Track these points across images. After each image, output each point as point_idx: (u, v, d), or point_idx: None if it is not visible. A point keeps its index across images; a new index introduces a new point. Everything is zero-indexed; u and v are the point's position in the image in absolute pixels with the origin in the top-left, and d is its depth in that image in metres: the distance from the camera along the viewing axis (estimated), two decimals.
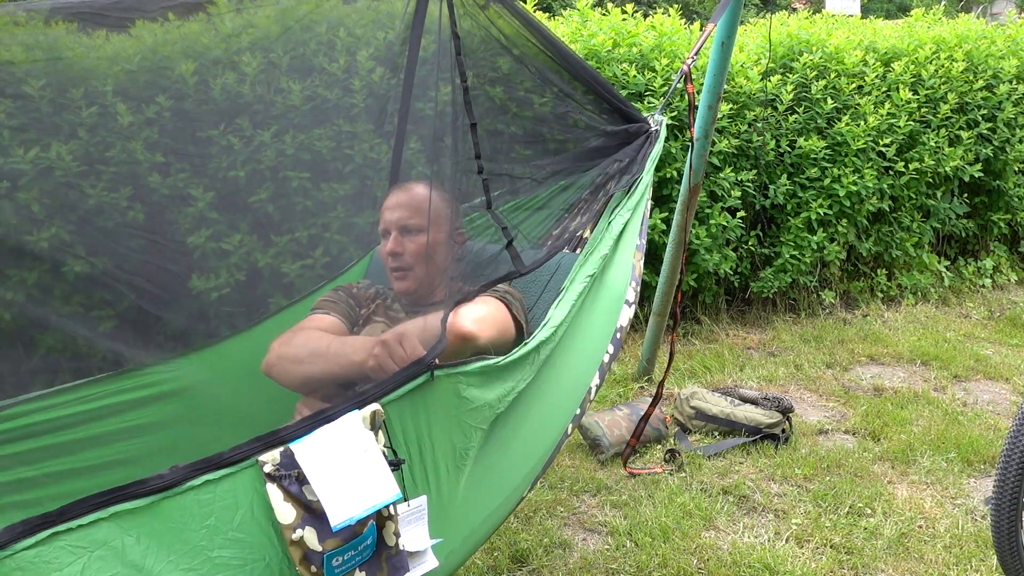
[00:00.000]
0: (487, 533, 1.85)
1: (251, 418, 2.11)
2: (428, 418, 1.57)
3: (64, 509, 1.20)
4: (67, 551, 1.19)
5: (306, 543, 1.35)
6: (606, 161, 2.29)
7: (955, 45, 5.01)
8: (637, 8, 4.84)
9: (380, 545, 1.46)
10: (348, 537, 1.38)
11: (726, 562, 2.50)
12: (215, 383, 2.18)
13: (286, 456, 1.35)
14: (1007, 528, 2.14)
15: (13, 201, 2.14)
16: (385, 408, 1.48)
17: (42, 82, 2.06)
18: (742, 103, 4.33)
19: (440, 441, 1.60)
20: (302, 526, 1.35)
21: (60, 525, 1.19)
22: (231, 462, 1.33)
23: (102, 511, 1.23)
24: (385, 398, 1.49)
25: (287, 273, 2.57)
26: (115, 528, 1.24)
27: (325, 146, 2.53)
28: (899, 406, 3.57)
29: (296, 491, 1.35)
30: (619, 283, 2.10)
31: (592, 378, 2.03)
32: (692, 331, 4.41)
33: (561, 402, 1.97)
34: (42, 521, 1.18)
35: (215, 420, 2.11)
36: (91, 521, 1.22)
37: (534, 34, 2.12)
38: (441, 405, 1.58)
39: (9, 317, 2.05)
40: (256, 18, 2.26)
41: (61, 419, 1.97)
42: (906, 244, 4.91)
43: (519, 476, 1.86)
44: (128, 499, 1.25)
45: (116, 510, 1.24)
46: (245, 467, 1.34)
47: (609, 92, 2.25)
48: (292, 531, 1.34)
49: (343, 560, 1.39)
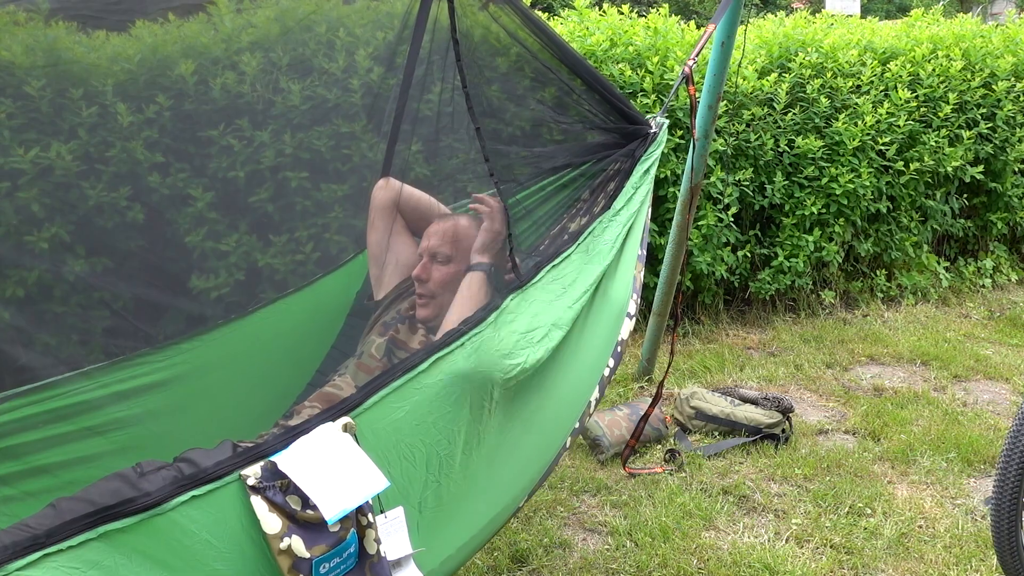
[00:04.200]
0: (484, 541, 1.87)
1: (243, 406, 2.12)
2: (401, 424, 1.58)
3: (52, 531, 1.21)
4: (59, 571, 1.19)
5: (294, 551, 1.36)
6: (605, 162, 2.29)
7: (952, 44, 5.01)
8: (634, 8, 4.83)
9: (362, 554, 1.48)
10: (333, 543, 1.41)
11: (726, 562, 2.50)
12: (206, 372, 2.18)
13: (267, 469, 1.38)
14: (1007, 528, 2.14)
15: (13, 201, 2.15)
16: (356, 419, 1.50)
17: (42, 82, 2.06)
18: (738, 103, 4.33)
19: (418, 446, 1.62)
20: (289, 535, 1.37)
21: (50, 547, 1.19)
22: (215, 477, 1.34)
23: (91, 531, 1.23)
24: (356, 410, 1.52)
25: (285, 271, 2.57)
26: (106, 548, 1.24)
27: (324, 145, 2.53)
28: (899, 406, 3.57)
29: (280, 501, 1.38)
30: (621, 296, 2.11)
31: (592, 392, 2.03)
32: (692, 331, 4.41)
33: (560, 415, 1.97)
34: (31, 543, 1.18)
35: (207, 410, 2.12)
36: (81, 542, 1.22)
37: (534, 31, 2.11)
38: (416, 409, 1.60)
39: (9, 317, 2.05)
40: (256, 18, 2.26)
41: (55, 411, 1.98)
42: (905, 244, 4.91)
43: (517, 488, 1.87)
44: (117, 518, 1.25)
45: (106, 530, 1.24)
46: (229, 481, 1.36)
47: (609, 91, 2.24)
48: (280, 540, 1.36)
49: (330, 567, 1.41)
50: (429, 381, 1.62)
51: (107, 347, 2.17)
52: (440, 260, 2.14)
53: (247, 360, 2.16)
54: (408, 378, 1.60)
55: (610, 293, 2.06)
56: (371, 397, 1.55)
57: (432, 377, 1.63)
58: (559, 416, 1.95)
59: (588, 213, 2.30)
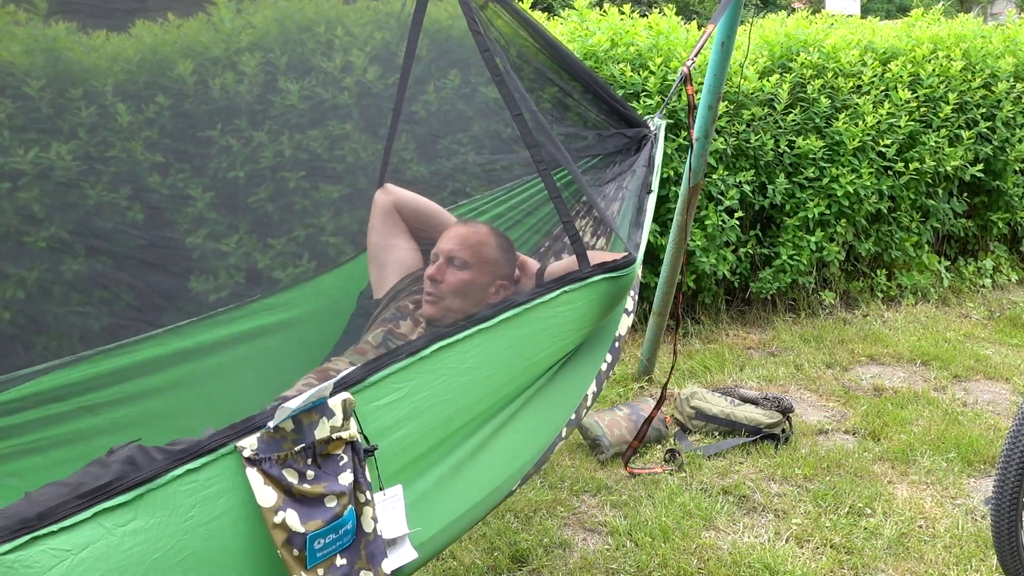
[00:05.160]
0: (469, 524, 1.85)
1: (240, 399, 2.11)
2: (404, 402, 1.59)
3: (43, 513, 1.18)
4: (48, 554, 1.17)
5: (288, 525, 1.35)
6: (606, 163, 2.29)
7: (953, 44, 5.01)
8: (635, 8, 4.83)
9: (359, 532, 1.47)
10: (329, 519, 1.39)
11: (726, 562, 2.50)
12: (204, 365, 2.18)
13: (263, 440, 1.36)
14: (1007, 528, 2.14)
15: (13, 201, 2.15)
16: (356, 395, 1.49)
17: (42, 82, 2.06)
18: (739, 103, 4.33)
19: (416, 426, 1.62)
20: (283, 508, 1.35)
21: (40, 530, 1.17)
22: (209, 449, 1.32)
23: (84, 512, 1.21)
24: (357, 386, 1.51)
25: (284, 273, 2.57)
26: (98, 528, 1.22)
27: (322, 146, 2.54)
28: (899, 406, 3.57)
29: (276, 473, 1.36)
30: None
31: (589, 385, 2.03)
32: (692, 331, 4.41)
33: (557, 405, 1.97)
34: (20, 526, 1.16)
35: (204, 406, 2.12)
36: (73, 523, 1.20)
37: (532, 34, 2.11)
38: (415, 392, 1.60)
39: (9, 317, 2.05)
40: (255, 18, 2.26)
41: (50, 391, 1.98)
42: (906, 244, 4.91)
43: (507, 472, 1.86)
44: (110, 496, 1.23)
45: (99, 509, 1.22)
46: (224, 453, 1.34)
47: (607, 93, 2.25)
48: (274, 514, 1.34)
49: (324, 543, 1.40)
50: (432, 367, 1.63)
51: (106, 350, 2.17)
52: (457, 265, 2.14)
53: (246, 356, 2.15)
54: (410, 361, 1.59)
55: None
56: (372, 375, 1.54)
57: (435, 363, 1.63)
58: (555, 404, 1.95)
59: (588, 216, 2.30)
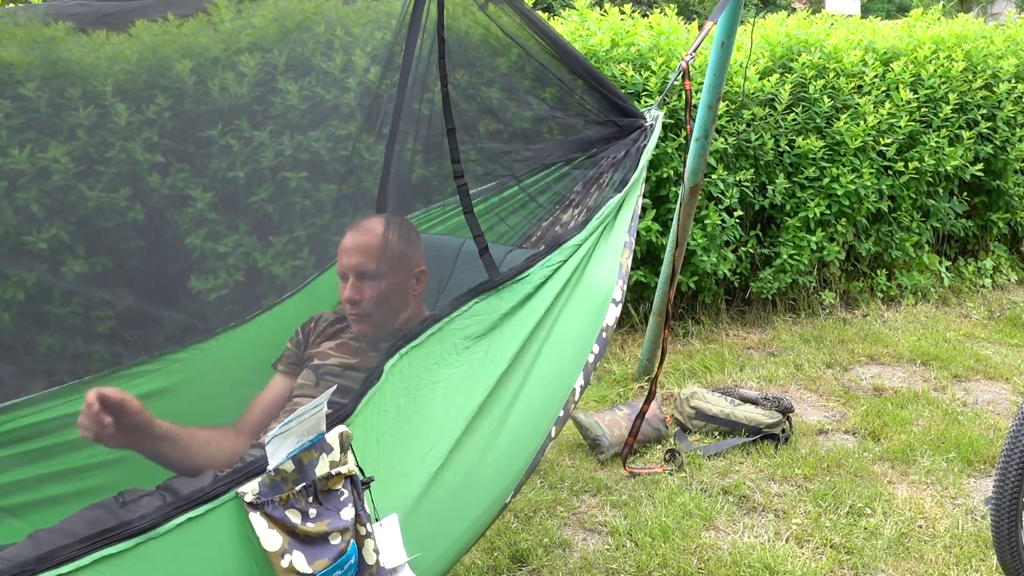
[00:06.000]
0: (472, 540, 1.82)
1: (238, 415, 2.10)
2: (382, 422, 1.56)
3: (42, 557, 1.16)
4: None
5: (296, 567, 1.34)
6: (600, 155, 2.29)
7: (954, 45, 5.00)
8: (636, 8, 4.83)
9: (362, 565, 1.46)
10: (335, 556, 1.38)
11: (726, 562, 2.50)
12: (204, 380, 2.17)
13: (264, 484, 1.34)
14: (1007, 528, 2.14)
15: (13, 201, 2.15)
16: (350, 425, 1.47)
17: (41, 83, 2.06)
18: (739, 103, 4.32)
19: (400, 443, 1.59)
20: (290, 551, 1.34)
21: (38, 575, 1.15)
22: (211, 497, 1.31)
23: (84, 558, 1.18)
24: (350, 417, 1.50)
25: (283, 272, 2.57)
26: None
27: (323, 146, 2.53)
28: (899, 406, 3.57)
29: (280, 516, 1.34)
30: (606, 282, 2.04)
31: (576, 379, 1.97)
32: (692, 331, 4.41)
33: (544, 404, 1.91)
34: (19, 571, 1.14)
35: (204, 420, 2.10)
36: (72, 570, 1.17)
37: (535, 30, 2.11)
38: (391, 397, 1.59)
39: (9, 317, 2.05)
40: (255, 18, 2.26)
41: (50, 422, 1.95)
42: (906, 244, 4.91)
43: (503, 483, 1.82)
44: (111, 543, 1.21)
45: (98, 556, 1.19)
46: (226, 500, 1.32)
47: (607, 88, 2.25)
48: (281, 557, 1.33)
49: None
50: (390, 388, 1.60)
51: (108, 348, 2.16)
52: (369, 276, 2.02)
53: (243, 369, 2.12)
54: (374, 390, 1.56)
55: (593, 278, 2.00)
56: (358, 404, 1.52)
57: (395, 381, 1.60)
58: (542, 405, 1.90)
59: (581, 204, 2.30)
